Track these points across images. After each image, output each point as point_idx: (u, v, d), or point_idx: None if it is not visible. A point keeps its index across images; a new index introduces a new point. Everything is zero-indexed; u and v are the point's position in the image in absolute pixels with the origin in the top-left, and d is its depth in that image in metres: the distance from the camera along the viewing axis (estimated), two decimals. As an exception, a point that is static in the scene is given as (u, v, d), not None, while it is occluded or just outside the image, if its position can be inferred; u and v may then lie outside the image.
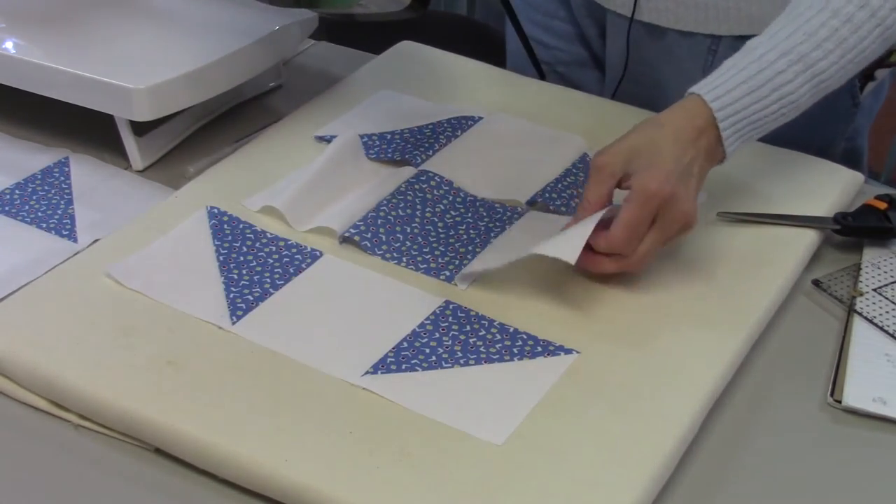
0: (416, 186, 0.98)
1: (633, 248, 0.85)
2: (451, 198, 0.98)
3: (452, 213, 0.96)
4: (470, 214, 0.96)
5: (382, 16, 1.05)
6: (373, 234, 0.92)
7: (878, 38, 0.90)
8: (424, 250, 0.92)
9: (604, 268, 0.87)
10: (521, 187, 0.99)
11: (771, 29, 0.91)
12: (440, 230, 0.94)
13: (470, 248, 0.92)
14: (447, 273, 0.89)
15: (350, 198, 0.98)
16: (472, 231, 0.94)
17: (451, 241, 0.93)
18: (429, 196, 0.98)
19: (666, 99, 1.17)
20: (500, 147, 1.05)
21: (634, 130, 0.89)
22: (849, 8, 0.88)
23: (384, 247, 0.92)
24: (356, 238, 0.92)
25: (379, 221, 0.94)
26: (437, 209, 0.97)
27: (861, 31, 0.88)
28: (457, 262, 0.90)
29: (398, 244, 0.92)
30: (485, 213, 0.96)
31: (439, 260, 0.91)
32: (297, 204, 0.96)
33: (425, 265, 0.90)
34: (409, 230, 0.94)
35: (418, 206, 0.96)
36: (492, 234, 0.93)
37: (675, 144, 0.86)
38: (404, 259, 0.91)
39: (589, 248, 0.85)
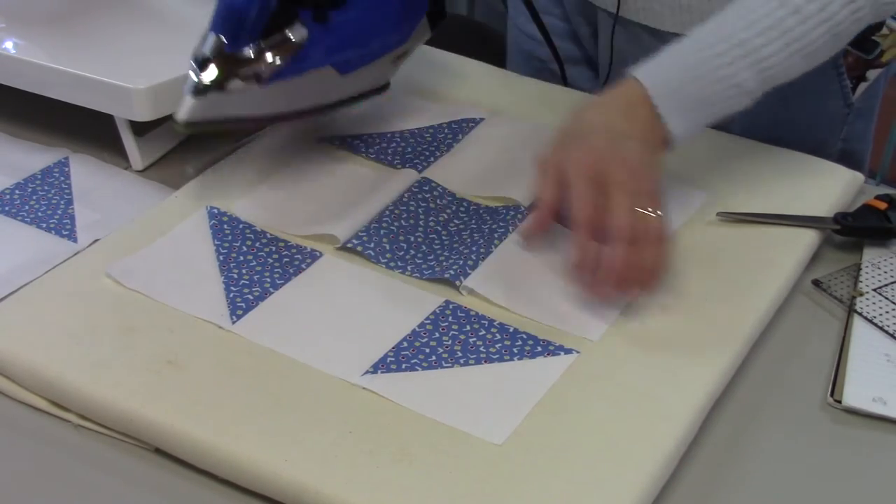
0: (419, 196, 0.98)
1: (596, 218, 0.83)
2: (454, 207, 0.98)
3: (456, 221, 0.96)
4: (473, 221, 0.96)
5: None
6: (376, 244, 0.92)
7: (827, 34, 0.90)
8: (429, 258, 0.92)
9: (638, 281, 0.85)
10: (522, 190, 0.99)
11: (718, 16, 0.91)
12: (444, 238, 0.94)
13: (474, 249, 0.92)
14: (452, 272, 0.89)
15: (350, 202, 0.97)
16: (475, 235, 0.94)
17: (456, 245, 0.93)
18: (432, 206, 0.97)
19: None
20: (501, 150, 1.05)
21: (567, 117, 0.91)
22: (797, 0, 0.89)
23: (388, 255, 0.91)
24: (359, 248, 0.92)
25: (382, 231, 0.93)
26: (440, 218, 0.96)
27: (808, 23, 0.89)
28: (461, 262, 0.90)
29: (402, 252, 0.92)
30: (488, 218, 0.96)
31: (443, 263, 0.91)
32: (295, 209, 0.95)
33: (430, 271, 0.90)
34: (412, 239, 0.93)
35: (421, 216, 0.96)
36: (495, 237, 0.93)
37: (605, 116, 0.88)
38: (409, 268, 0.90)
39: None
